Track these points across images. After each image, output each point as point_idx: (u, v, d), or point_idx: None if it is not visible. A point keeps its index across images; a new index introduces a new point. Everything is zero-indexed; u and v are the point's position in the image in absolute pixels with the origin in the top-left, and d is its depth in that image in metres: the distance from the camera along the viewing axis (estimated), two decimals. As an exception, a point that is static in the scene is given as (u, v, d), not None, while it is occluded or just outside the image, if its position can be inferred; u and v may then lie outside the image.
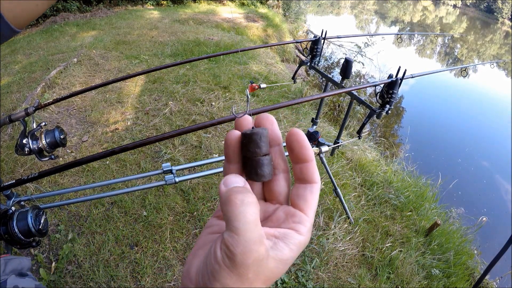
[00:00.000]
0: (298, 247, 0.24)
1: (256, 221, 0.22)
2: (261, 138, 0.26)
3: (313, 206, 0.27)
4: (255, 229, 0.22)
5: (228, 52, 1.62)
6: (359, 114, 4.01)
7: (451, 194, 3.29)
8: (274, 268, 0.23)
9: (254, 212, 0.22)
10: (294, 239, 0.25)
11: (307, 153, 0.27)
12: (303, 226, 0.26)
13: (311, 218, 0.26)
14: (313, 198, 0.27)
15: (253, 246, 0.21)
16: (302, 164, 0.27)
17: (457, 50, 13.91)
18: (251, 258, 0.21)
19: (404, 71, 1.27)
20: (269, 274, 0.23)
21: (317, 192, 0.27)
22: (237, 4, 8.40)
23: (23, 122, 1.04)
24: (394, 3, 33.72)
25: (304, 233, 0.25)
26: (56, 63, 3.48)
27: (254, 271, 0.22)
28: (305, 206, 0.27)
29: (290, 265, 0.24)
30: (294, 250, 0.24)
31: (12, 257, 0.65)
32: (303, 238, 0.25)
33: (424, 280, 1.66)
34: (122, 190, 1.32)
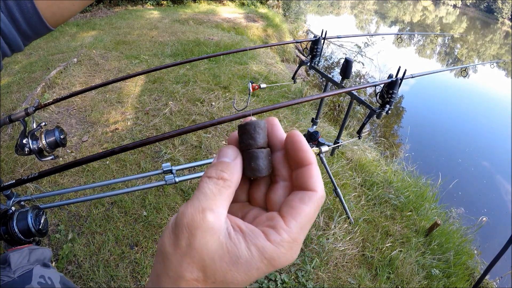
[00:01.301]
0: (260, 252, 0.20)
1: (210, 195, 0.22)
2: (255, 128, 0.24)
3: (300, 216, 0.22)
4: (204, 200, 0.21)
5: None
6: (359, 114, 4.01)
7: (451, 194, 3.29)
8: (217, 254, 0.20)
9: (212, 187, 0.22)
10: (258, 241, 0.21)
11: (303, 156, 0.23)
12: (276, 234, 0.21)
13: (292, 231, 0.21)
14: (302, 208, 0.22)
15: (192, 210, 0.21)
16: (299, 169, 0.24)
17: (457, 50, 13.91)
18: (186, 219, 0.20)
19: (404, 71, 1.27)
20: (206, 259, 0.20)
21: (311, 202, 0.22)
22: (237, 4, 8.40)
23: (23, 122, 1.04)
24: (394, 3, 33.72)
25: (275, 242, 0.21)
26: (56, 63, 3.48)
27: (188, 240, 0.20)
28: (288, 214, 0.22)
29: (246, 270, 0.20)
30: (253, 253, 0.20)
31: (35, 247, 0.65)
32: (270, 247, 0.21)
33: (424, 280, 1.66)
34: (122, 190, 1.32)
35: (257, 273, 0.21)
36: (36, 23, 0.35)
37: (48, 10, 0.35)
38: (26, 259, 0.60)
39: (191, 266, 0.20)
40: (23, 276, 0.56)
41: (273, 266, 0.21)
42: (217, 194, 0.22)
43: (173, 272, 0.21)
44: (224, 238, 0.21)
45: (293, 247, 0.21)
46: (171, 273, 0.21)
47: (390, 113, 1.41)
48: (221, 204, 0.22)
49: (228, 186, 0.23)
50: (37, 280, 0.57)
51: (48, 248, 0.68)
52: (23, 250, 0.61)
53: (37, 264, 0.61)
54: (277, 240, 0.21)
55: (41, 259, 0.64)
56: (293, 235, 0.21)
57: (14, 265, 0.57)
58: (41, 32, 0.37)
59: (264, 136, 0.25)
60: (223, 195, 0.22)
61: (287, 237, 0.21)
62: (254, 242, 0.21)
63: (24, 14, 0.34)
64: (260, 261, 0.20)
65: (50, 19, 0.36)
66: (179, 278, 0.20)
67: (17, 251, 0.61)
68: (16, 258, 0.59)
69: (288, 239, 0.21)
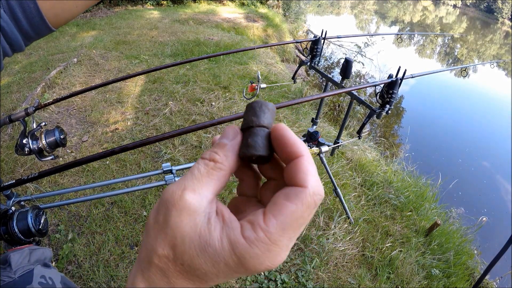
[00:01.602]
0: (230, 247, 0.19)
1: (197, 176, 0.21)
2: (261, 107, 0.22)
3: (280, 215, 0.19)
4: (189, 180, 0.20)
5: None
6: (359, 114, 4.01)
7: (451, 194, 3.29)
8: (188, 236, 0.19)
9: (201, 168, 0.21)
10: (232, 234, 0.19)
11: (290, 151, 0.21)
12: (251, 231, 0.19)
13: (270, 231, 0.18)
14: (285, 205, 0.19)
15: (174, 187, 0.20)
16: (289, 164, 0.21)
17: (457, 50, 13.91)
18: (166, 194, 0.20)
19: (404, 71, 1.27)
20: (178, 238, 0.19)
21: (297, 199, 0.19)
22: (237, 4, 8.40)
23: (23, 122, 1.04)
24: (394, 3, 33.72)
25: (248, 239, 0.19)
26: (56, 63, 3.48)
27: (164, 216, 0.20)
28: (269, 211, 0.19)
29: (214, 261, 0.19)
30: (224, 244, 0.19)
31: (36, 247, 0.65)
32: (242, 243, 0.18)
33: (424, 280, 1.66)
34: (122, 190, 1.32)
35: (225, 268, 0.19)
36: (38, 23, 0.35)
37: (51, 11, 0.35)
38: (27, 259, 0.60)
39: (164, 242, 0.20)
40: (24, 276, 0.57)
41: (244, 266, 0.19)
42: (205, 176, 0.21)
43: (150, 245, 0.20)
44: (200, 221, 0.19)
45: (271, 250, 0.18)
46: (148, 246, 0.21)
47: (390, 113, 1.41)
48: (207, 186, 0.21)
49: (218, 168, 0.21)
50: (38, 280, 0.57)
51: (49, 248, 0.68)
52: (23, 250, 0.61)
53: (38, 264, 0.61)
54: (251, 237, 0.19)
55: (42, 259, 0.64)
56: (272, 236, 0.18)
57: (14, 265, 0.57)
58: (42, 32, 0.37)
59: (269, 118, 0.23)
60: (211, 177, 0.21)
61: (263, 237, 0.18)
62: (228, 234, 0.19)
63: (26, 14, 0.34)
64: (229, 256, 0.19)
65: (52, 19, 0.36)
66: (153, 252, 0.20)
67: (17, 251, 0.61)
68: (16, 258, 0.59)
69: (264, 239, 0.18)
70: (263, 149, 0.22)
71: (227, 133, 0.23)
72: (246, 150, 0.22)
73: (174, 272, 0.20)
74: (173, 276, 0.20)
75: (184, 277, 0.20)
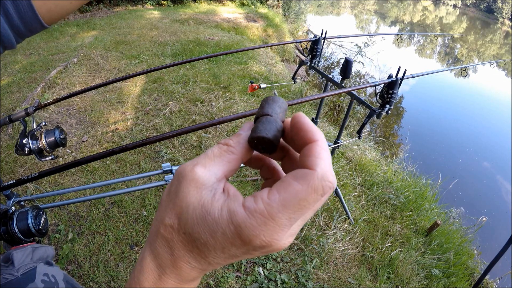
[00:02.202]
0: (229, 216, 0.19)
1: (210, 155, 0.22)
2: (271, 100, 0.24)
3: (284, 191, 0.19)
4: (202, 158, 0.22)
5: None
6: (359, 114, 4.01)
7: (451, 194, 3.29)
8: (192, 205, 0.20)
9: (215, 150, 0.22)
10: (232, 204, 0.19)
11: (304, 135, 0.21)
12: (252, 201, 0.19)
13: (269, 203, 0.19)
14: (291, 183, 0.19)
15: (188, 163, 0.22)
16: (304, 148, 0.21)
17: (457, 50, 13.91)
18: (179, 169, 0.22)
19: (404, 71, 1.27)
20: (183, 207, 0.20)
21: (303, 180, 0.19)
22: (237, 4, 8.40)
23: (23, 122, 1.04)
24: (394, 3, 33.72)
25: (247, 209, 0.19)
26: (56, 63, 3.48)
27: (176, 187, 0.21)
28: (275, 186, 0.20)
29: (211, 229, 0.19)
30: (222, 213, 0.19)
31: (38, 245, 0.65)
32: (240, 212, 0.19)
33: (424, 280, 1.66)
34: (122, 190, 1.31)
35: (222, 238, 0.19)
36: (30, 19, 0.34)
37: (44, 7, 0.34)
38: (29, 257, 0.60)
39: (171, 211, 0.21)
40: (26, 274, 0.57)
41: (240, 237, 0.19)
42: (217, 156, 0.22)
43: (159, 216, 0.22)
44: (206, 194, 0.20)
45: (267, 223, 0.18)
46: (158, 217, 0.22)
47: (390, 113, 1.41)
48: (218, 165, 0.22)
49: (230, 151, 0.22)
50: (40, 278, 0.57)
51: (51, 246, 0.68)
52: (26, 249, 0.61)
53: (40, 262, 0.61)
54: (250, 207, 0.19)
55: (44, 257, 0.64)
56: (270, 209, 0.18)
57: (17, 263, 0.57)
58: (35, 29, 0.36)
59: (276, 109, 0.24)
60: (222, 158, 0.22)
61: (262, 208, 0.18)
62: (228, 204, 0.20)
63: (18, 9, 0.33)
64: (226, 225, 0.19)
65: (45, 15, 0.35)
66: (161, 222, 0.21)
67: (20, 249, 0.61)
68: (19, 257, 0.59)
69: (263, 211, 0.18)
70: (268, 132, 0.22)
71: (244, 126, 0.25)
72: (254, 133, 0.23)
73: (177, 242, 0.21)
74: (175, 248, 0.21)
75: (186, 248, 0.20)
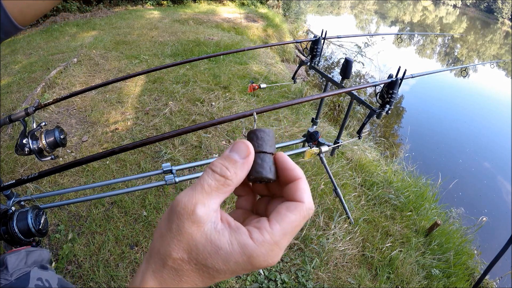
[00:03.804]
0: (241, 247, 0.22)
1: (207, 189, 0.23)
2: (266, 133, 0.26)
3: (283, 221, 0.23)
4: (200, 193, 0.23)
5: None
6: (359, 114, 4.01)
7: (452, 194, 3.29)
8: (200, 243, 0.22)
9: (212, 183, 0.24)
10: (241, 237, 0.22)
11: (290, 174, 0.25)
12: (259, 234, 0.23)
13: (274, 234, 0.23)
14: (287, 215, 0.23)
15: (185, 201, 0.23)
16: (289, 184, 0.26)
17: (457, 50, 13.91)
18: (177, 209, 0.23)
19: (404, 71, 1.27)
20: (191, 245, 0.22)
21: (296, 211, 0.24)
22: (237, 4, 8.40)
23: (23, 122, 1.04)
24: (394, 3, 33.72)
25: (256, 241, 0.22)
26: (56, 63, 3.48)
27: (177, 226, 0.23)
28: (273, 218, 0.24)
29: (225, 260, 0.22)
30: (234, 246, 0.22)
31: (33, 249, 0.65)
32: (251, 244, 0.22)
33: (424, 280, 1.66)
34: (122, 190, 1.32)
35: (235, 266, 0.22)
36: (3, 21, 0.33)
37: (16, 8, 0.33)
38: (24, 262, 0.60)
39: (177, 247, 0.23)
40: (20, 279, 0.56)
41: (251, 264, 0.22)
42: (214, 190, 0.23)
43: (164, 250, 0.23)
44: (209, 230, 0.23)
45: (273, 249, 0.23)
46: (162, 250, 0.23)
47: (390, 113, 1.41)
48: (215, 199, 0.24)
49: (227, 185, 0.24)
50: (34, 283, 0.57)
51: (46, 249, 0.67)
52: (20, 252, 0.61)
53: (35, 266, 0.60)
54: (259, 239, 0.22)
55: (39, 260, 0.63)
56: (275, 238, 0.23)
57: (11, 268, 0.57)
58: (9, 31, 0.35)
59: (273, 145, 0.26)
60: (219, 191, 0.24)
61: (269, 239, 0.23)
62: (237, 238, 0.22)
63: None
64: (239, 256, 0.22)
65: (18, 17, 0.34)
66: (167, 256, 0.23)
67: (14, 253, 0.60)
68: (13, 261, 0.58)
69: (270, 241, 0.23)
70: (272, 173, 0.26)
71: (239, 148, 0.25)
72: (258, 174, 0.25)
73: (187, 271, 0.23)
74: (185, 275, 0.23)
75: (196, 274, 0.23)
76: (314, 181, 2.05)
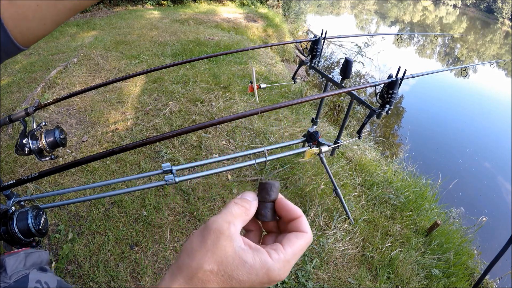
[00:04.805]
0: (262, 263, 0.28)
1: (235, 214, 0.30)
2: (271, 187, 0.33)
3: (293, 246, 0.30)
4: (230, 216, 0.30)
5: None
6: (359, 114, 4.01)
7: (452, 194, 3.29)
8: (230, 256, 0.27)
9: (237, 210, 0.31)
10: (262, 255, 0.28)
11: (293, 215, 0.33)
12: (276, 254, 0.29)
13: (287, 254, 0.30)
14: (296, 241, 0.31)
15: (220, 220, 0.29)
16: (293, 221, 0.33)
17: (457, 50, 13.91)
18: (215, 226, 0.29)
19: (404, 71, 1.27)
20: (223, 257, 0.27)
21: (303, 239, 0.31)
22: (237, 4, 8.40)
23: (23, 122, 1.04)
24: (394, 3, 33.71)
25: (274, 258, 0.29)
26: (56, 63, 3.48)
27: (213, 240, 0.28)
28: (286, 243, 0.31)
29: (248, 272, 0.27)
30: (256, 261, 0.28)
31: (32, 250, 0.65)
32: (270, 261, 0.28)
33: (424, 280, 1.66)
34: (122, 190, 1.32)
35: (255, 277, 0.28)
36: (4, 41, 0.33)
37: (17, 30, 0.33)
38: (22, 264, 0.59)
39: (210, 259, 0.27)
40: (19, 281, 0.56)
41: (269, 277, 0.28)
42: (239, 216, 0.30)
43: (196, 263, 0.27)
44: (237, 246, 0.28)
45: (285, 266, 0.29)
46: (194, 264, 0.27)
47: (390, 113, 1.41)
48: (240, 223, 0.30)
49: (246, 214, 0.31)
50: (33, 285, 0.56)
51: (45, 250, 0.66)
52: (19, 255, 0.60)
53: (34, 268, 0.60)
54: (275, 257, 0.29)
55: (38, 262, 0.63)
56: (287, 257, 0.29)
57: (10, 270, 0.56)
58: (10, 51, 0.34)
59: (276, 194, 0.34)
60: (242, 217, 0.31)
61: (283, 257, 0.29)
62: (259, 255, 0.28)
63: None
64: (260, 269, 0.28)
65: (19, 38, 0.33)
66: (199, 268, 0.27)
67: (13, 255, 0.60)
68: (12, 263, 0.58)
69: (284, 259, 0.29)
70: (272, 217, 0.34)
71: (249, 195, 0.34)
72: (260, 217, 0.34)
73: (213, 282, 0.27)
74: (210, 285, 0.27)
75: (220, 284, 0.27)
76: (314, 181, 2.05)
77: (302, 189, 2.00)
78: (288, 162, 2.18)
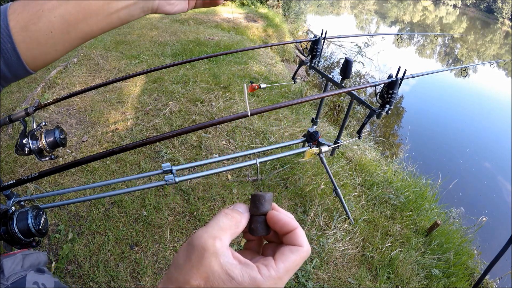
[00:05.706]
0: (250, 279, 0.26)
1: (222, 228, 0.28)
2: (261, 199, 0.31)
3: (287, 261, 0.28)
4: (217, 229, 0.28)
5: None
6: (359, 114, 4.01)
7: (452, 194, 3.29)
8: (217, 272, 0.26)
9: (226, 221, 0.29)
10: (251, 271, 0.27)
11: (288, 227, 0.30)
12: (266, 270, 0.27)
13: (279, 271, 0.27)
14: (290, 256, 0.29)
15: (206, 236, 0.27)
16: (289, 233, 0.31)
17: (457, 50, 13.91)
18: (199, 242, 0.27)
19: (404, 71, 1.27)
20: (209, 273, 0.26)
21: (297, 253, 0.29)
22: (237, 4, 8.40)
23: (23, 122, 1.04)
24: (394, 3, 33.71)
25: (264, 275, 0.27)
26: (56, 63, 3.47)
27: (198, 257, 0.27)
28: (278, 258, 0.29)
29: (235, 286, 0.26)
30: (245, 278, 0.26)
31: (30, 252, 0.64)
32: (260, 278, 0.27)
33: (424, 280, 1.66)
34: (122, 190, 1.32)
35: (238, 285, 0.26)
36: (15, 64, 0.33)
37: (29, 54, 0.33)
38: (20, 265, 0.59)
39: (196, 275, 0.26)
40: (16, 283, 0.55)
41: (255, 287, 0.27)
42: (227, 228, 0.29)
43: (182, 278, 0.27)
44: (224, 261, 0.27)
45: (277, 283, 0.27)
46: (181, 278, 0.27)
47: (390, 113, 1.41)
48: (228, 235, 0.28)
49: (236, 226, 0.30)
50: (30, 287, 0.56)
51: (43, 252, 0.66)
52: (16, 256, 0.60)
53: (31, 270, 0.60)
54: (266, 274, 0.27)
55: (36, 264, 0.63)
56: (279, 274, 0.27)
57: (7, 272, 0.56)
58: (19, 74, 0.35)
59: (267, 206, 0.32)
60: (231, 230, 0.29)
61: (274, 274, 0.27)
62: (248, 271, 0.27)
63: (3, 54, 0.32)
64: (248, 286, 0.26)
65: (30, 62, 0.34)
66: (186, 283, 0.26)
67: (10, 257, 0.59)
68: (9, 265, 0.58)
69: (275, 276, 0.27)
70: (263, 231, 0.32)
71: (240, 206, 0.32)
72: (252, 232, 0.32)
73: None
74: None
75: None
76: (314, 181, 2.05)
77: (302, 189, 2.00)
78: (288, 162, 2.18)
